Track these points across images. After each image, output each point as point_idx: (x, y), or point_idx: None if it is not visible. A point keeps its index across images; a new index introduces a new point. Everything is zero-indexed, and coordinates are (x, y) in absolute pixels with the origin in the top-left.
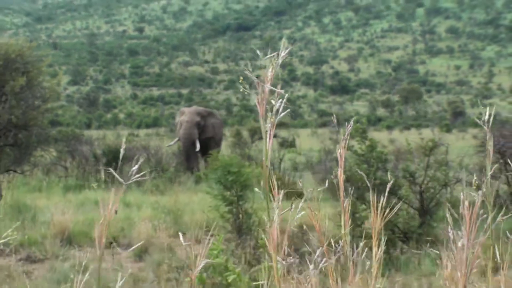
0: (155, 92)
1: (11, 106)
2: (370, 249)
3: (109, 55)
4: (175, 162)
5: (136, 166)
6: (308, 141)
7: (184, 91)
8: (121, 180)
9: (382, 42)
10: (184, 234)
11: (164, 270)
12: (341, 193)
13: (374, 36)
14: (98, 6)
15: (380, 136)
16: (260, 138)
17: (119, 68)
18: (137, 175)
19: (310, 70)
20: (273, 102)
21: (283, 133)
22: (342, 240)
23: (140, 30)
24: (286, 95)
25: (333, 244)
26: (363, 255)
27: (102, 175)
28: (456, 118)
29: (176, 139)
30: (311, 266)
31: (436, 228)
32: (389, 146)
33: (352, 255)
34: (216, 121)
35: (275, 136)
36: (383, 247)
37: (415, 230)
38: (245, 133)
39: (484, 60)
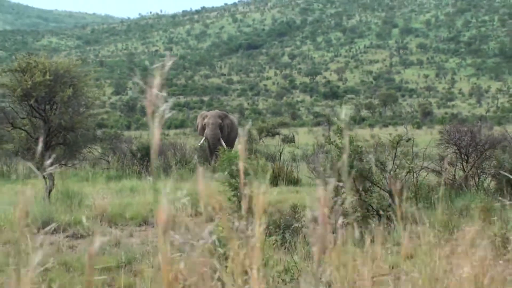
0: (182, 99)
1: (60, 112)
2: (350, 225)
3: (144, 70)
4: (196, 155)
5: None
6: (305, 137)
7: (205, 98)
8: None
9: (364, 56)
10: (200, 214)
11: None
12: None
13: (358, 51)
14: (135, 31)
15: (363, 132)
16: (266, 135)
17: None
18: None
19: (306, 80)
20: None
21: (285, 131)
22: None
23: (169, 49)
24: (171, 100)
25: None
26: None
27: (137, 167)
28: (425, 117)
29: (203, 138)
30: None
31: (402, 207)
32: (370, 140)
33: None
34: (229, 122)
35: (278, 133)
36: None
37: (385, 209)
38: (254, 132)
39: (448, 70)
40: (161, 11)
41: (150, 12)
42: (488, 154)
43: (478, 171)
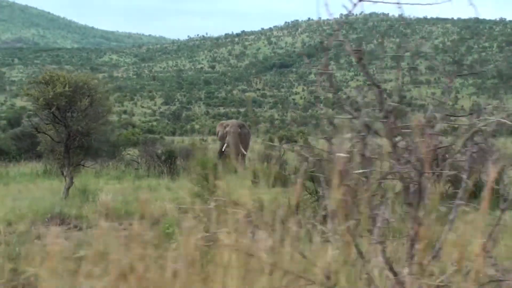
0: (222, 110)
1: (78, 119)
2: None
3: (191, 84)
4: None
5: None
6: (324, 144)
7: (242, 110)
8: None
9: (380, 76)
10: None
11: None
12: None
13: (375, 71)
14: (184, 50)
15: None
16: (286, 142)
17: (197, 94)
18: None
19: (329, 95)
20: None
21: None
22: None
23: (213, 67)
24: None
25: None
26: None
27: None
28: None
29: (226, 144)
30: None
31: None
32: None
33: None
34: (245, 131)
35: (296, 141)
36: None
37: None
38: (276, 139)
39: (452, 89)
40: (206, 34)
41: (197, 35)
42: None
43: (438, 177)
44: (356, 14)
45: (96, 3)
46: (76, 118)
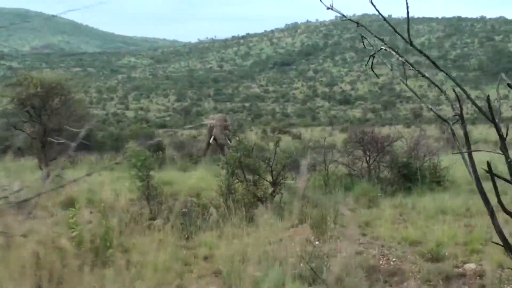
0: (229, 105)
1: (50, 117)
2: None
3: (201, 83)
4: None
5: None
6: (317, 134)
7: (247, 104)
8: None
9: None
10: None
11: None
12: None
13: (367, 67)
14: (195, 52)
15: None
16: (279, 132)
17: (206, 91)
18: None
19: (326, 89)
20: None
21: (294, 130)
22: None
23: (221, 66)
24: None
25: None
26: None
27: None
28: (416, 119)
29: (212, 137)
30: None
31: (283, 195)
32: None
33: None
34: (230, 124)
35: (287, 132)
36: None
37: (269, 196)
38: (268, 130)
39: (437, 82)
40: (215, 36)
41: (207, 38)
42: (386, 150)
43: (379, 164)
44: (350, 16)
45: (115, 11)
46: (49, 116)
